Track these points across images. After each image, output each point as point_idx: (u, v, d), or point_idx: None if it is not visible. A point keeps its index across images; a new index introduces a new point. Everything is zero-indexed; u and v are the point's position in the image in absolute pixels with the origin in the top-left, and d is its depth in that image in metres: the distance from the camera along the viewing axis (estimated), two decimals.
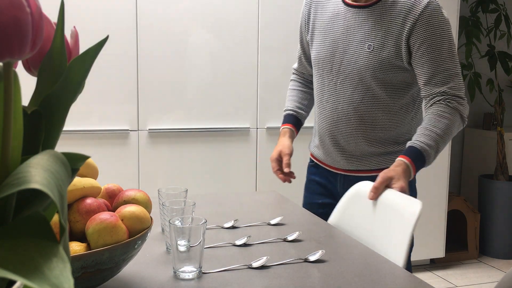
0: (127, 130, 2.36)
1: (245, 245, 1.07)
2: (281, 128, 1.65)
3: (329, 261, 0.98)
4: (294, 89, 1.72)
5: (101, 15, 2.27)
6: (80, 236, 0.81)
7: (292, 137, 1.62)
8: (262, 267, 0.93)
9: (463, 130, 3.93)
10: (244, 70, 2.51)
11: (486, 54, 3.53)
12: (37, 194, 0.36)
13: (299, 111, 1.66)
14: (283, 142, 1.57)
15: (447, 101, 1.35)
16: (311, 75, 1.66)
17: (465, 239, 3.25)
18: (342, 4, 1.46)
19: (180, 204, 1.01)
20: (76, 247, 0.76)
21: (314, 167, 1.65)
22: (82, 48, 0.41)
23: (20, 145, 0.36)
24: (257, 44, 2.52)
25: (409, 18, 1.35)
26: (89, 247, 0.78)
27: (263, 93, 2.55)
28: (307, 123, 1.74)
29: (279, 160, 1.51)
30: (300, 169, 1.80)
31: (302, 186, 1.70)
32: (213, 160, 2.52)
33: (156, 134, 2.41)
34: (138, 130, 2.39)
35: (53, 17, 0.44)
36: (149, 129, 2.39)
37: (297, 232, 1.13)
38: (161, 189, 1.09)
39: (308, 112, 1.70)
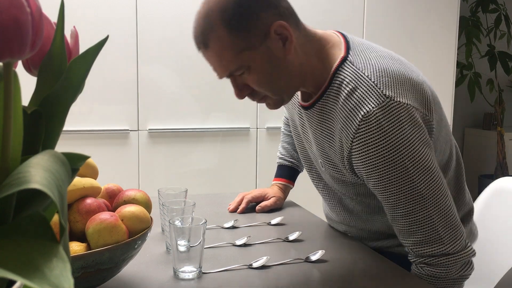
0: (127, 130, 2.36)
1: (245, 245, 1.07)
2: (272, 182, 1.45)
3: (329, 261, 0.98)
4: (287, 133, 1.44)
5: (101, 15, 2.27)
6: (80, 236, 0.81)
7: (284, 190, 1.42)
8: (262, 267, 0.93)
9: (463, 130, 3.93)
10: None
11: (486, 54, 3.53)
12: (37, 194, 0.36)
13: (293, 160, 1.43)
14: (273, 190, 1.40)
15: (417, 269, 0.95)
16: None
17: None
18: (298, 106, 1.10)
19: (180, 204, 1.01)
20: (76, 247, 0.76)
21: None
22: (82, 48, 0.41)
23: (20, 145, 0.36)
24: None
25: (344, 134, 0.92)
26: (89, 247, 0.77)
27: None
28: None
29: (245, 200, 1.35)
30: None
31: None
32: (213, 160, 2.52)
33: (156, 134, 2.41)
34: (138, 130, 2.39)
35: (53, 17, 0.44)
36: (149, 129, 2.39)
37: (298, 232, 1.13)
38: (161, 189, 1.09)
39: None
